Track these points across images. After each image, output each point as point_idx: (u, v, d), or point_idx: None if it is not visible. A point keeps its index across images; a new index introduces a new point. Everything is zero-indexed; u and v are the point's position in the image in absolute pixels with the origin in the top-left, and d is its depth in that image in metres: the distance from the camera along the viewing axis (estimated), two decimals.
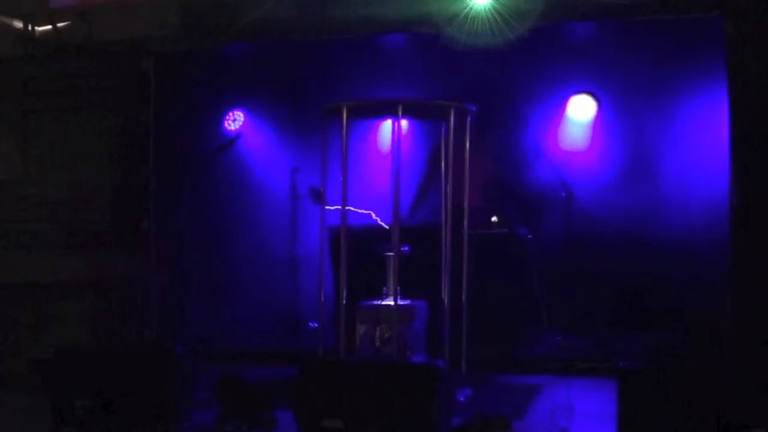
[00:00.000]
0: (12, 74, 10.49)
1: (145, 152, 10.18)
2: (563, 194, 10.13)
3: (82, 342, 9.38)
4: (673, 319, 9.46)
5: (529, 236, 9.71)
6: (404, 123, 8.89)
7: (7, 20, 10.56)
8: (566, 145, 10.49)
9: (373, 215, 8.84)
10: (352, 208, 8.22)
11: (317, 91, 9.97)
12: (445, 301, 7.86)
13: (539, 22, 8.91)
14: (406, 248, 7.95)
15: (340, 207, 7.90)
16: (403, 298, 7.86)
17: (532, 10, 8.81)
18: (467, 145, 8.05)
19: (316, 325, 9.01)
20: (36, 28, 10.54)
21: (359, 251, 8.12)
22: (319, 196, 8.93)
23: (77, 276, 9.87)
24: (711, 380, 5.69)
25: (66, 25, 10.45)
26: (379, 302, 8.01)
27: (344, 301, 7.97)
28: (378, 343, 7.89)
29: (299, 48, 10.46)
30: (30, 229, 10.21)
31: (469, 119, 8.07)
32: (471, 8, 9.03)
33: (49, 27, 10.48)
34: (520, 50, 9.46)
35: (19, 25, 10.55)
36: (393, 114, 7.96)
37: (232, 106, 11.26)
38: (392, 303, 7.80)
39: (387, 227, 8.24)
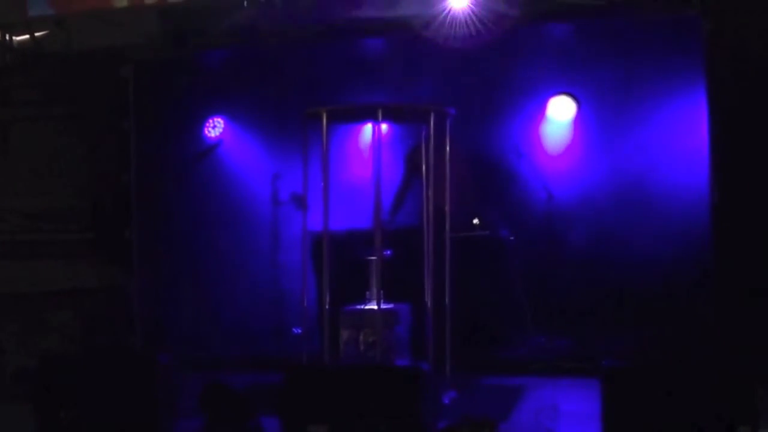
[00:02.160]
0: None
1: (125, 160, 10.16)
2: (544, 195, 10.13)
3: (65, 351, 9.36)
4: (656, 319, 9.47)
5: (511, 238, 9.72)
6: (384, 127, 8.91)
7: None
8: (547, 146, 10.50)
9: None
10: None
11: (297, 97, 9.96)
12: (429, 304, 7.87)
13: (517, 24, 8.94)
14: (388, 252, 7.96)
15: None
16: (387, 301, 7.87)
17: (510, 12, 8.84)
18: (447, 147, 8.07)
19: (300, 330, 9.00)
20: (14, 37, 10.50)
21: (342, 256, 8.13)
22: (300, 202, 8.93)
23: (60, 285, 9.85)
24: (694, 379, 5.71)
25: (44, 34, 10.42)
26: (362, 307, 8.03)
27: (327, 306, 7.98)
28: (362, 348, 7.90)
29: (278, 54, 10.45)
30: (12, 239, 10.18)
31: (448, 122, 8.09)
32: (449, 11, 9.05)
33: (27, 36, 10.44)
34: (499, 52, 9.50)
35: None
36: (373, 118, 7.99)
37: (212, 112, 11.23)
38: (375, 307, 7.81)
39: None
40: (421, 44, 9.27)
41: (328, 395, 6.17)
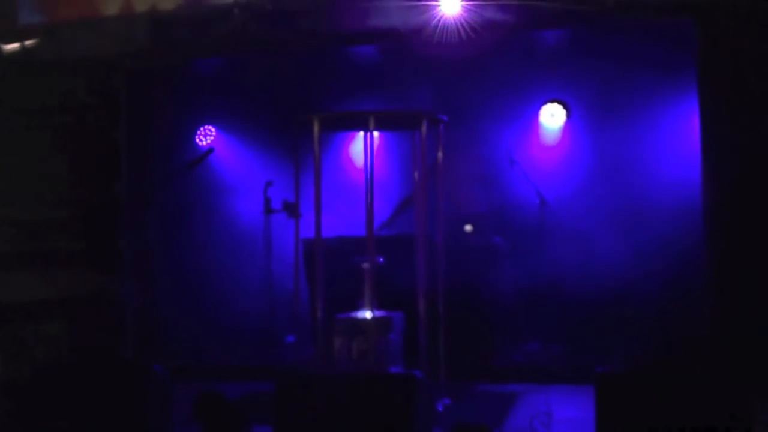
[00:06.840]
0: None
1: (117, 169, 10.13)
2: (537, 202, 10.15)
3: (57, 361, 9.31)
4: (650, 324, 9.47)
5: (504, 244, 9.72)
6: (377, 134, 8.90)
7: None
8: (539, 153, 10.52)
9: None
10: None
11: (289, 105, 9.96)
12: (421, 312, 7.85)
13: (509, 31, 8.93)
14: (381, 260, 7.94)
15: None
16: (380, 309, 7.84)
17: (502, 19, 8.83)
18: (440, 154, 8.06)
19: (293, 338, 8.99)
20: (3, 46, 10.46)
21: (334, 263, 8.11)
22: (292, 209, 8.92)
23: (51, 295, 9.80)
24: (689, 385, 5.70)
25: (34, 43, 10.38)
26: (355, 314, 8.00)
27: (320, 314, 7.96)
28: (355, 356, 7.88)
29: (269, 62, 10.45)
30: (2, 250, 10.13)
31: (441, 129, 8.09)
32: (441, 18, 9.04)
33: (17, 45, 10.41)
34: (491, 60, 9.50)
35: None
36: (365, 125, 7.97)
37: (204, 121, 11.23)
38: (369, 315, 7.79)
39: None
40: (412, 52, 9.26)
41: (321, 404, 6.13)
